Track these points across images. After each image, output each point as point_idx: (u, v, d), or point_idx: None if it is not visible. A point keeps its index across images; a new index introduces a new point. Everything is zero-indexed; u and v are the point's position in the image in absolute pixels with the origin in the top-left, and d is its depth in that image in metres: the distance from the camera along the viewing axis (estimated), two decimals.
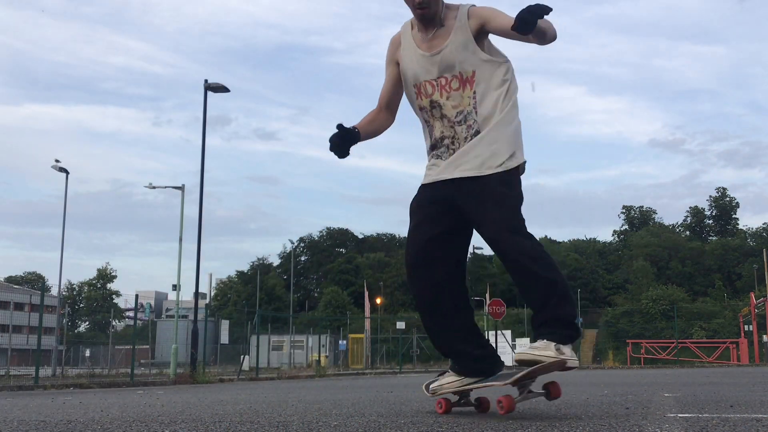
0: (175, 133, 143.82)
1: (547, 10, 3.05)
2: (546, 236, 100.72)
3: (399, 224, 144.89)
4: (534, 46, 3.43)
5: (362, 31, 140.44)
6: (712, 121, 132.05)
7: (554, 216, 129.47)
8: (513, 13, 3.24)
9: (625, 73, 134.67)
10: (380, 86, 3.87)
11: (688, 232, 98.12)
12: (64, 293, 73.97)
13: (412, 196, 3.68)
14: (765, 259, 45.24)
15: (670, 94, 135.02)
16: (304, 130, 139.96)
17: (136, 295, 23.61)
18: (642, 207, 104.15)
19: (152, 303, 73.62)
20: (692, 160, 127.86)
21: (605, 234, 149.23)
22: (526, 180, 3.62)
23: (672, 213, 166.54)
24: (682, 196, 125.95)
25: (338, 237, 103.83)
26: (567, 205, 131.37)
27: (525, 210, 3.49)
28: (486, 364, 3.55)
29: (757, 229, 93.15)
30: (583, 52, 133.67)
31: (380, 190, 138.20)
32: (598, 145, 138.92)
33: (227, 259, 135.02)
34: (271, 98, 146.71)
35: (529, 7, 3.08)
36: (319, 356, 33.56)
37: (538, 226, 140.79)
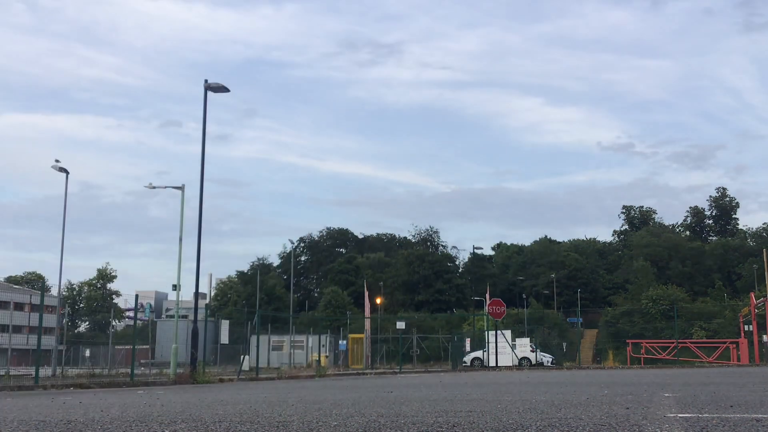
0: (150, 140, 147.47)
1: None
2: (546, 236, 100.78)
3: (368, 225, 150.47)
4: (487, 60, 3.58)
5: (320, 47, 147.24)
6: (665, 128, 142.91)
7: (536, 217, 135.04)
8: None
9: (578, 85, 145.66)
10: (330, 98, 3.98)
11: (688, 232, 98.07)
12: (64, 293, 73.99)
13: (374, 197, 3.88)
14: (765, 259, 45.21)
15: (623, 105, 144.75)
16: (258, 134, 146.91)
17: (136, 295, 23.67)
18: (642, 207, 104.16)
19: (152, 303, 73.71)
20: (647, 163, 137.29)
21: (572, 233, 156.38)
22: (492, 183, 3.90)
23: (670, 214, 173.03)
24: (642, 198, 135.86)
25: (338, 237, 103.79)
26: (535, 206, 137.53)
27: (491, 209, 3.66)
28: None
29: (757, 229, 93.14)
30: (536, 66, 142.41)
31: (344, 192, 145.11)
32: (560, 152, 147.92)
33: (206, 260, 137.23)
34: (232, 105, 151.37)
35: None
36: (319, 356, 33.52)
37: (538, 226, 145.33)
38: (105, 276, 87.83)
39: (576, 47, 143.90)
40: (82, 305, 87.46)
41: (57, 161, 29.24)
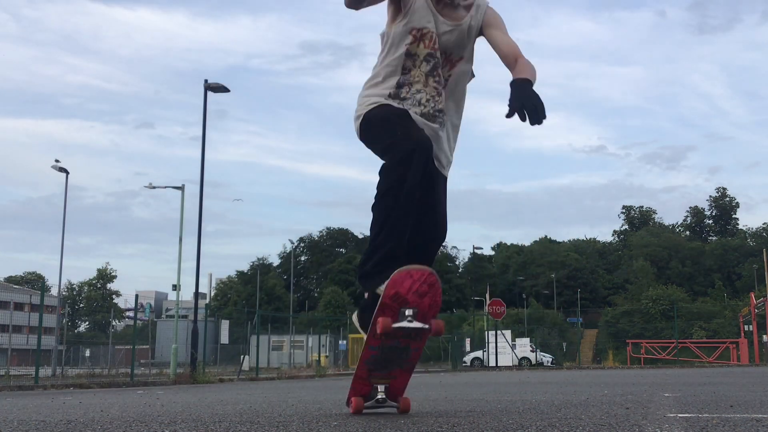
0: (133, 143, 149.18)
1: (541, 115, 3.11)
2: (546, 236, 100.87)
3: (349, 225, 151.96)
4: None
5: (299, 57, 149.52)
6: (639, 132, 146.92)
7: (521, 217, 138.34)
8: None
9: (553, 92, 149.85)
10: (313, 104, 3.88)
11: (688, 232, 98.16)
12: (64, 293, 73.98)
13: (343, 195, 3.79)
14: (765, 259, 45.22)
15: (599, 111, 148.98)
16: (243, 138, 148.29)
17: (136, 295, 23.67)
18: (642, 207, 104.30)
19: (152, 303, 73.61)
20: (621, 165, 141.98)
21: (567, 233, 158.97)
22: (479, 185, 3.88)
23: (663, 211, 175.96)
24: (620, 198, 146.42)
25: (338, 237, 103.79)
26: (519, 207, 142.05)
27: (475, 209, 3.65)
28: None
29: (757, 229, 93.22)
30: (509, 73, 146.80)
31: (323, 194, 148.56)
32: (542, 156, 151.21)
33: (193, 261, 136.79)
34: (212, 110, 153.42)
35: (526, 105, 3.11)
36: (319, 356, 33.53)
37: (535, 226, 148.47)
38: (105, 276, 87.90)
39: (548, 56, 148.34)
40: (82, 305, 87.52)
41: (57, 161, 29.26)
